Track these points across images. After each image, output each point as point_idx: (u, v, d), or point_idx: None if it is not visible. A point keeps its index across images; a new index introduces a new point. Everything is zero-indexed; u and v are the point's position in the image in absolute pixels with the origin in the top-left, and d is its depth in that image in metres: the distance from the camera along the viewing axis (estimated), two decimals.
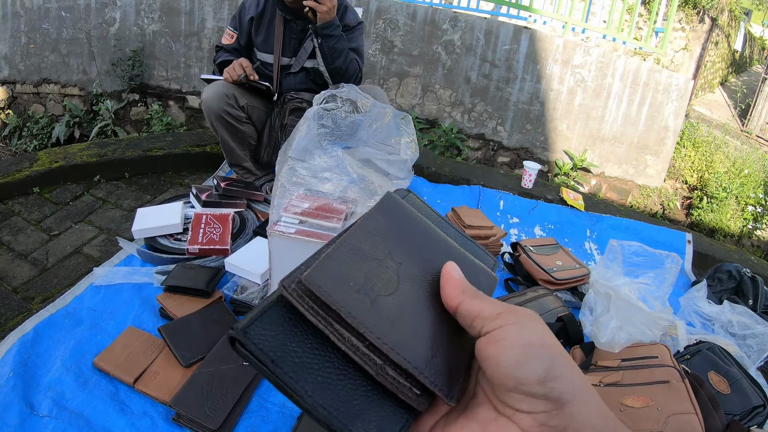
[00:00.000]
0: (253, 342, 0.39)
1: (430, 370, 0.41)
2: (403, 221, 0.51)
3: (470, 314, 0.42)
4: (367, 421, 0.40)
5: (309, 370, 0.40)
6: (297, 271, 0.43)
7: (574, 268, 2.50)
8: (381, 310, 0.42)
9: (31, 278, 2.21)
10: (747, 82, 11.42)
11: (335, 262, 0.43)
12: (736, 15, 10.33)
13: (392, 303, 0.43)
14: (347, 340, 0.40)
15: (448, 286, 0.44)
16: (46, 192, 2.79)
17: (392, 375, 0.40)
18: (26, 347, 1.74)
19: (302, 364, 0.40)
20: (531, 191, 3.53)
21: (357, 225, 0.48)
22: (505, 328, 0.39)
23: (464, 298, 0.43)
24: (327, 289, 0.40)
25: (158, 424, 1.54)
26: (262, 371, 0.39)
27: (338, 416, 0.39)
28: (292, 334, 0.41)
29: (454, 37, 4.78)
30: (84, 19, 5.44)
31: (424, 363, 0.41)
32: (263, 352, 0.39)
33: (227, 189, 2.65)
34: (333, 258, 0.43)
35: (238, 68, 2.62)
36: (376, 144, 1.87)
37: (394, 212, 0.51)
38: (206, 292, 1.99)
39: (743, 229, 5.16)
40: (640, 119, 4.87)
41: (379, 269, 0.45)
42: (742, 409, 1.77)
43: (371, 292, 0.43)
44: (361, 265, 0.44)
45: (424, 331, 0.43)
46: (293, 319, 0.41)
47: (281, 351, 0.40)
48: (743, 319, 2.27)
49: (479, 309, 0.41)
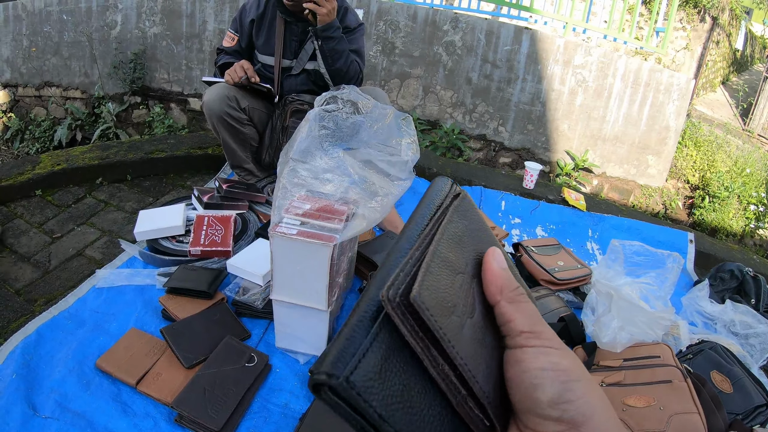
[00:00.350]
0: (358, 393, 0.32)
1: (496, 403, 0.40)
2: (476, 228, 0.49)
3: (503, 319, 0.42)
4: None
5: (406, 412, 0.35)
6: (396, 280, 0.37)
7: (575, 268, 2.50)
8: (467, 335, 0.39)
9: (33, 280, 2.21)
10: (748, 81, 11.40)
11: (434, 278, 0.38)
12: (737, 14, 10.32)
13: (473, 326, 0.40)
14: (440, 366, 0.37)
15: (488, 279, 0.44)
16: (49, 194, 2.80)
17: (471, 406, 0.39)
18: (29, 349, 1.75)
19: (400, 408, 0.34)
20: (532, 192, 3.53)
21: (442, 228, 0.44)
22: (524, 350, 0.40)
23: (501, 300, 0.42)
24: (432, 311, 0.36)
25: (160, 425, 1.55)
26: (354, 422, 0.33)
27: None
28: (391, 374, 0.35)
29: (455, 38, 4.78)
30: (85, 22, 5.45)
31: (493, 397, 0.40)
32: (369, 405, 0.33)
33: (229, 191, 2.65)
34: (432, 273, 0.39)
35: (239, 70, 2.62)
36: (377, 145, 1.87)
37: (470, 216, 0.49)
38: (208, 294, 1.99)
39: (745, 228, 5.15)
40: (641, 119, 4.86)
41: (463, 285, 0.42)
42: (744, 408, 1.76)
43: (461, 314, 0.39)
44: (451, 280, 0.40)
45: (492, 358, 0.41)
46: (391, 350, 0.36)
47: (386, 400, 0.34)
48: (745, 319, 2.27)
49: (513, 317, 0.41)
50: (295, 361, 1.84)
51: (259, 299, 2.01)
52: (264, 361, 1.76)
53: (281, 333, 1.84)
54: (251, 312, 2.01)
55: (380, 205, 1.66)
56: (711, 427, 1.56)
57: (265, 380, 1.74)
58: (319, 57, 2.66)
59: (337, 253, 1.64)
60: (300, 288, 1.67)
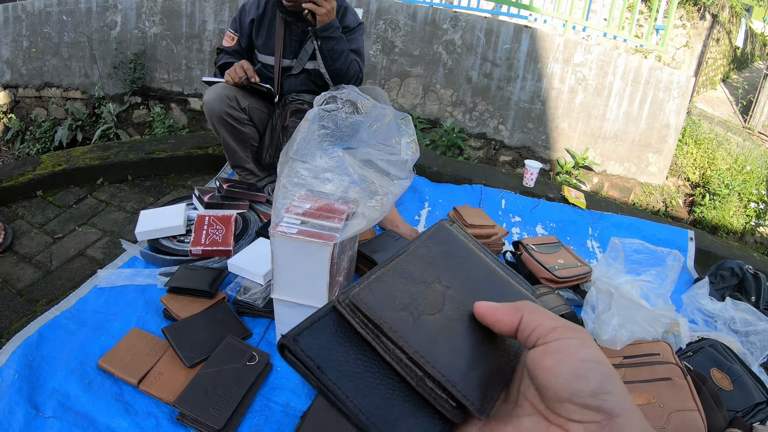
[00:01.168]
0: (301, 349, 0.42)
1: (463, 384, 0.43)
2: (453, 250, 0.54)
3: (529, 326, 0.44)
4: (405, 429, 0.42)
5: (352, 378, 0.43)
6: (350, 289, 0.46)
7: (576, 266, 2.50)
8: (423, 327, 0.45)
9: (35, 281, 2.22)
10: (749, 78, 11.39)
11: (383, 283, 0.47)
12: (737, 11, 10.30)
13: (435, 321, 0.46)
14: (392, 351, 0.44)
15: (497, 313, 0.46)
16: (50, 195, 2.81)
17: (431, 387, 0.43)
18: (31, 349, 1.76)
19: (346, 373, 0.43)
20: (533, 190, 3.54)
21: (409, 251, 0.52)
22: (563, 341, 0.42)
23: (524, 312, 0.45)
24: (373, 307, 0.44)
25: (162, 424, 1.55)
26: (308, 377, 0.42)
27: (377, 422, 0.41)
28: (338, 345, 0.44)
29: (454, 36, 4.79)
30: (85, 23, 5.46)
31: (459, 378, 0.43)
32: (310, 358, 0.42)
33: (229, 190, 2.66)
34: (382, 280, 0.47)
35: (239, 70, 2.62)
36: (377, 144, 1.87)
37: (445, 241, 0.55)
38: (209, 293, 2.00)
39: (746, 226, 5.15)
40: (641, 117, 4.86)
41: (426, 291, 0.48)
42: (744, 405, 1.77)
43: (415, 310, 0.46)
44: (408, 287, 0.48)
45: (464, 349, 0.46)
46: (342, 331, 0.45)
47: (327, 359, 0.43)
48: (746, 316, 2.27)
49: (539, 321, 0.43)
50: None
51: (260, 298, 2.02)
52: (265, 360, 1.77)
53: (282, 332, 1.85)
54: (252, 311, 2.02)
55: (380, 204, 1.66)
56: (711, 424, 1.57)
57: (266, 379, 1.75)
58: (318, 57, 2.67)
59: (338, 252, 1.64)
60: (301, 287, 1.67)
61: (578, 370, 0.40)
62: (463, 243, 0.56)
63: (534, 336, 0.43)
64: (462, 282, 0.51)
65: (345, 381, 0.42)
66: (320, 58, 2.66)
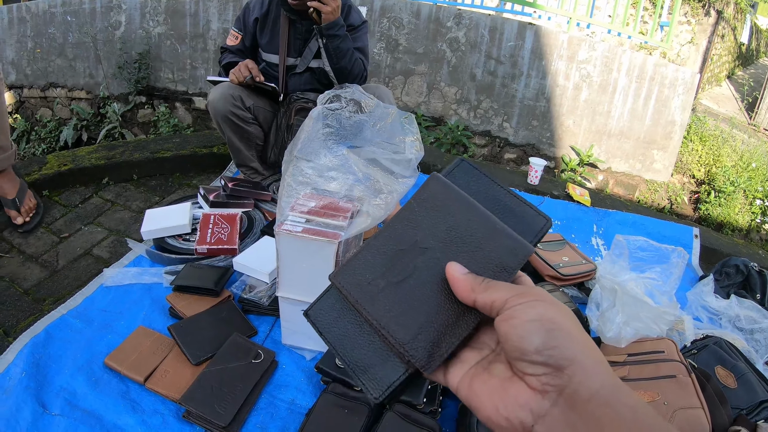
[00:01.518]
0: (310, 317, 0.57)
1: (411, 345, 0.51)
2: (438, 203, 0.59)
3: (486, 306, 0.49)
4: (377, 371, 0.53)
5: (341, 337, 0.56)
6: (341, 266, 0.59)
7: (580, 263, 2.50)
8: (385, 296, 0.55)
9: (41, 280, 2.23)
10: (754, 74, 11.36)
11: (358, 261, 0.58)
12: (741, 7, 10.26)
13: (399, 289, 0.55)
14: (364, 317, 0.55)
15: (457, 288, 0.52)
16: (56, 195, 2.82)
17: (392, 344, 0.53)
18: (38, 348, 1.77)
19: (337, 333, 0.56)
20: (537, 187, 3.54)
21: (394, 218, 0.60)
22: (514, 308, 0.46)
23: (476, 296, 0.50)
24: (346, 285, 0.56)
25: (169, 422, 1.56)
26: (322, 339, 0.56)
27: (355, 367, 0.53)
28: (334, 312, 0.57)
29: (458, 34, 4.78)
30: (89, 23, 5.48)
31: (407, 339, 0.52)
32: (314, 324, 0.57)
33: (235, 189, 2.67)
34: (357, 258, 0.58)
35: (244, 69, 2.63)
36: (381, 143, 1.88)
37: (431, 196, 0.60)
38: (215, 292, 2.01)
39: (751, 223, 5.14)
40: (646, 114, 4.85)
41: (400, 259, 0.57)
42: (749, 403, 1.76)
43: (382, 281, 0.56)
44: (382, 259, 0.57)
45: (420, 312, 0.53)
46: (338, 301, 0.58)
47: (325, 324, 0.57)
48: (751, 314, 2.27)
49: (492, 299, 0.48)
50: (301, 358, 1.85)
51: (266, 296, 2.03)
52: (270, 357, 1.77)
53: (287, 330, 1.86)
54: (257, 309, 2.03)
55: (384, 203, 1.67)
56: (715, 422, 1.57)
57: (271, 377, 1.76)
58: (323, 55, 2.67)
59: (343, 250, 1.65)
60: (306, 285, 1.68)
61: (523, 332, 0.45)
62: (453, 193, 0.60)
63: (494, 311, 0.48)
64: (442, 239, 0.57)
65: (336, 339, 0.55)
66: (325, 57, 2.66)
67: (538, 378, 0.44)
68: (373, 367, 0.53)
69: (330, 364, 1.69)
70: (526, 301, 0.46)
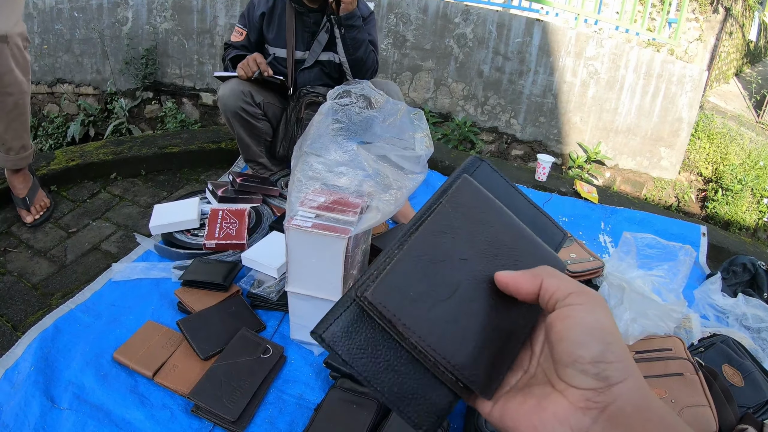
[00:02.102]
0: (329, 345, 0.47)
1: (471, 371, 0.47)
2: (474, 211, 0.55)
3: (548, 291, 0.46)
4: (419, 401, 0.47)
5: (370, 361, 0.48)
6: (368, 278, 0.49)
7: (588, 260, 2.50)
8: (436, 316, 0.48)
9: (50, 275, 2.24)
10: (762, 72, 11.31)
11: (396, 275, 0.48)
12: (750, 5, 10.20)
13: (449, 307, 0.49)
14: (407, 341, 0.47)
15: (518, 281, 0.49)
16: (64, 190, 2.83)
17: (442, 369, 0.47)
18: (46, 342, 1.78)
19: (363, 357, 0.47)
20: (545, 184, 3.53)
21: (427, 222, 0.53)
22: (573, 307, 0.44)
23: (543, 278, 0.47)
24: (387, 304, 0.47)
25: (177, 416, 1.57)
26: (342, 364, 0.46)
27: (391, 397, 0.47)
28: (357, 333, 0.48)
29: (466, 30, 4.77)
30: (96, 19, 5.48)
31: (467, 364, 0.47)
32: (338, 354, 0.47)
33: (243, 184, 2.67)
34: (395, 271, 0.49)
35: (252, 64, 2.62)
36: (391, 139, 1.88)
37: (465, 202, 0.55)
38: (224, 286, 2.02)
39: (759, 221, 5.12)
40: (653, 111, 4.84)
41: (441, 272, 0.50)
42: (755, 402, 1.76)
43: (429, 298, 0.48)
44: (422, 271, 0.49)
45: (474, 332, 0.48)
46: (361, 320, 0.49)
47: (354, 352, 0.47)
48: (758, 312, 2.26)
49: (557, 286, 0.46)
50: (309, 353, 1.86)
51: (274, 291, 2.03)
52: (279, 352, 1.78)
53: (296, 325, 1.86)
54: (266, 304, 2.03)
55: (394, 198, 1.67)
56: (722, 420, 1.57)
57: (280, 371, 1.76)
58: (339, 47, 2.67)
59: (352, 245, 1.65)
60: (315, 280, 1.69)
61: (582, 337, 0.42)
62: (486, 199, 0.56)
63: (552, 301, 0.46)
64: (481, 250, 0.52)
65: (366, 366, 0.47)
66: (341, 48, 2.67)
67: (582, 392, 0.42)
68: (418, 395, 0.47)
69: (338, 359, 1.69)
70: (588, 302, 0.44)
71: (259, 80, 2.70)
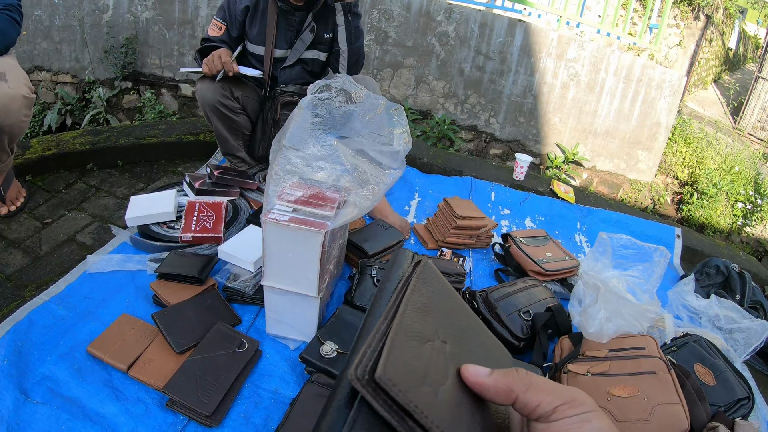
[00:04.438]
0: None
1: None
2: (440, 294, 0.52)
3: (528, 407, 0.44)
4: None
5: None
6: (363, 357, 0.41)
7: (563, 259, 2.53)
8: (442, 401, 0.42)
9: (24, 266, 2.21)
10: (740, 80, 11.47)
11: (400, 351, 0.42)
12: (731, 13, 10.36)
13: (448, 392, 0.44)
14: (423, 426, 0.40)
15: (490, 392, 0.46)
16: (39, 180, 2.79)
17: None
18: (20, 335, 1.75)
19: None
20: (522, 183, 3.56)
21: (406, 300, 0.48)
22: (564, 421, 0.42)
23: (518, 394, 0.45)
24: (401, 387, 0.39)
25: (152, 410, 1.56)
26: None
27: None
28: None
29: (448, 28, 4.79)
30: (77, 6, 5.41)
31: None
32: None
33: (220, 177, 2.65)
34: (397, 347, 0.42)
35: (217, 62, 2.54)
36: (370, 134, 1.88)
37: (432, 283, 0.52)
38: (199, 280, 2.00)
39: (733, 225, 5.20)
40: (632, 114, 4.89)
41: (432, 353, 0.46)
42: (727, 400, 1.80)
43: (433, 382, 0.43)
44: (419, 350, 0.44)
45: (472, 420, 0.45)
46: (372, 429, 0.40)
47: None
48: (730, 314, 2.30)
49: (537, 401, 0.44)
50: (285, 347, 1.86)
51: (250, 286, 2.03)
52: (254, 347, 1.77)
53: (272, 319, 1.85)
54: (242, 298, 2.02)
55: (371, 194, 1.67)
56: (694, 417, 1.59)
57: (255, 366, 1.76)
58: (342, 35, 2.69)
59: (329, 240, 1.65)
60: (291, 274, 1.68)
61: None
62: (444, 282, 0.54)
63: (536, 415, 0.44)
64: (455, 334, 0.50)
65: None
66: (344, 37, 2.68)
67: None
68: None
69: (314, 354, 1.69)
70: (579, 413, 0.43)
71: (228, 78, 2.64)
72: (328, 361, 1.67)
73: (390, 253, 2.44)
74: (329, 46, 2.78)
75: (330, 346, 1.70)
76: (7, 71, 2.20)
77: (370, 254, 2.29)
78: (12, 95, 2.20)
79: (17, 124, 2.29)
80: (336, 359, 1.68)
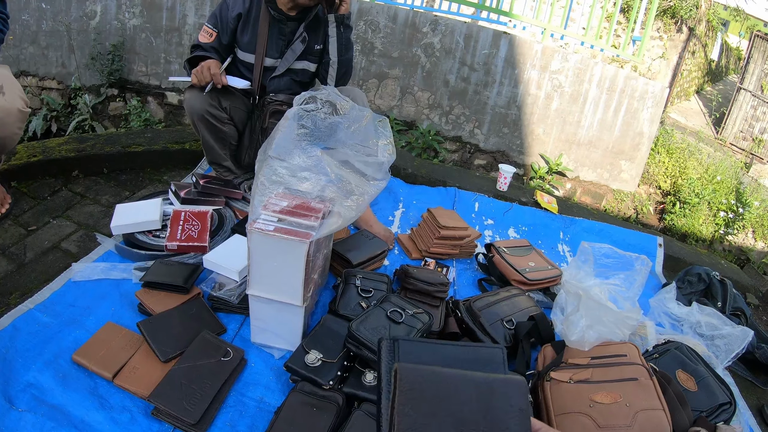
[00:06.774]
0: None
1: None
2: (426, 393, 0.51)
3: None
4: None
5: None
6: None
7: (546, 269, 2.56)
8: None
9: (8, 273, 2.20)
10: (722, 91, 11.63)
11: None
12: (713, 25, 10.51)
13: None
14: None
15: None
16: (24, 186, 2.78)
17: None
18: (4, 342, 1.74)
19: None
20: (506, 194, 3.59)
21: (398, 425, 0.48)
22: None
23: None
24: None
25: (137, 419, 1.56)
26: None
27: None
28: None
29: (434, 40, 4.82)
30: (64, 12, 5.39)
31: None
32: None
33: (206, 186, 2.66)
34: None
35: (206, 73, 2.54)
36: (355, 146, 1.90)
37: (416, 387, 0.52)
38: (185, 289, 2.01)
39: (715, 234, 5.27)
40: (615, 125, 4.95)
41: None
42: (708, 406, 1.83)
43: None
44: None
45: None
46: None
47: None
48: (711, 320, 2.34)
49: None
50: (270, 356, 1.86)
51: (235, 295, 2.03)
52: (239, 355, 1.78)
53: (257, 328, 1.86)
54: (227, 307, 2.03)
55: (356, 204, 1.69)
56: (676, 423, 1.62)
57: (240, 374, 1.76)
58: (332, 47, 2.69)
59: (314, 249, 1.66)
60: (276, 283, 1.70)
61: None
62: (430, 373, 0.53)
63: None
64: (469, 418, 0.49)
65: None
66: (335, 48, 2.69)
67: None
68: None
69: (299, 363, 1.70)
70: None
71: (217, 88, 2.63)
72: (313, 369, 1.68)
73: (374, 262, 2.46)
74: (319, 57, 2.79)
75: (315, 355, 1.71)
76: (4, 84, 2.20)
77: (355, 264, 2.31)
78: (8, 109, 2.20)
79: (10, 137, 2.29)
80: (321, 368, 1.69)
